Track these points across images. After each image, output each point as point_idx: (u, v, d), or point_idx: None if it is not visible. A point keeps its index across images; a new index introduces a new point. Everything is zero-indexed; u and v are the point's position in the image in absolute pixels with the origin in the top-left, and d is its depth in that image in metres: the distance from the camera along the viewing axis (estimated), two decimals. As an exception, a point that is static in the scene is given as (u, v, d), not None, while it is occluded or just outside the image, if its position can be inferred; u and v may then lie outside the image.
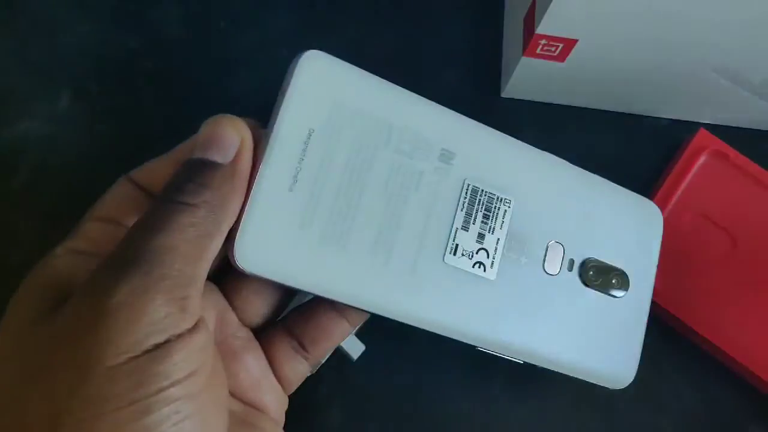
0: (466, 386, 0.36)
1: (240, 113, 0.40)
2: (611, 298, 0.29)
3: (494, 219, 0.26)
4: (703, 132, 0.39)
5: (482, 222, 0.26)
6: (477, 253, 0.26)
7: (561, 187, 0.28)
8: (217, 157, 0.22)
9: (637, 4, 0.32)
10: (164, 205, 0.21)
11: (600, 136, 0.41)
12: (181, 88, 0.40)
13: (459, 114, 0.27)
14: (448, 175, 0.26)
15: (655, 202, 0.38)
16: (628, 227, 0.30)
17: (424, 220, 0.25)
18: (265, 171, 0.23)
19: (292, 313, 0.28)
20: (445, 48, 0.42)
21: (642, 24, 0.33)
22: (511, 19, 0.41)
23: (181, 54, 0.41)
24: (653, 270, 0.30)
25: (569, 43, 0.35)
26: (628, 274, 0.29)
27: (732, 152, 0.39)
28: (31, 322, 0.21)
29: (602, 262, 0.28)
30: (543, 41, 0.35)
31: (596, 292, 0.28)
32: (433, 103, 0.27)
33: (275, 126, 0.24)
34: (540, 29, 0.34)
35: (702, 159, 0.39)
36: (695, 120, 0.42)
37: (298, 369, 0.28)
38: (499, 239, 0.26)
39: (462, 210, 0.26)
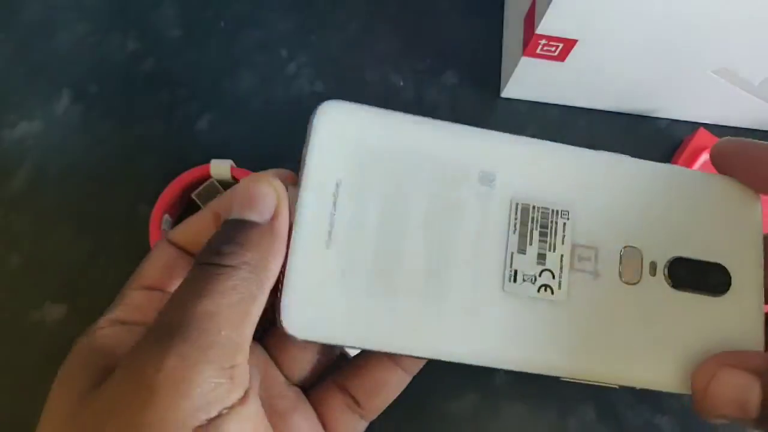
0: (467, 385, 0.36)
1: (241, 113, 0.40)
2: (711, 298, 0.25)
3: (553, 235, 0.24)
4: (703, 132, 0.39)
5: (540, 241, 0.24)
6: (540, 275, 0.24)
7: (624, 185, 0.25)
8: (255, 217, 0.22)
9: (637, 5, 0.32)
10: (204, 268, 0.20)
11: (600, 136, 0.41)
12: (181, 89, 0.40)
13: (490, 131, 0.25)
14: (493, 198, 0.24)
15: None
16: (715, 215, 0.26)
17: (474, 251, 0.23)
18: (299, 230, 0.22)
19: (342, 365, 0.27)
20: (445, 48, 0.42)
21: (642, 24, 0.33)
22: (511, 19, 0.41)
23: (181, 54, 0.41)
24: (760, 260, 0.26)
25: (569, 43, 0.35)
26: (728, 268, 0.25)
27: (732, 152, 0.39)
28: (78, 397, 0.20)
29: (692, 259, 0.25)
30: (543, 41, 0.35)
31: (691, 294, 0.25)
32: (460, 125, 0.25)
33: (302, 182, 0.23)
34: (540, 29, 0.34)
35: (702, 159, 0.39)
36: (695, 120, 0.42)
37: (353, 426, 0.26)
38: (563, 255, 0.24)
39: (514, 232, 0.24)
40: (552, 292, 0.24)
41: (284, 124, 0.40)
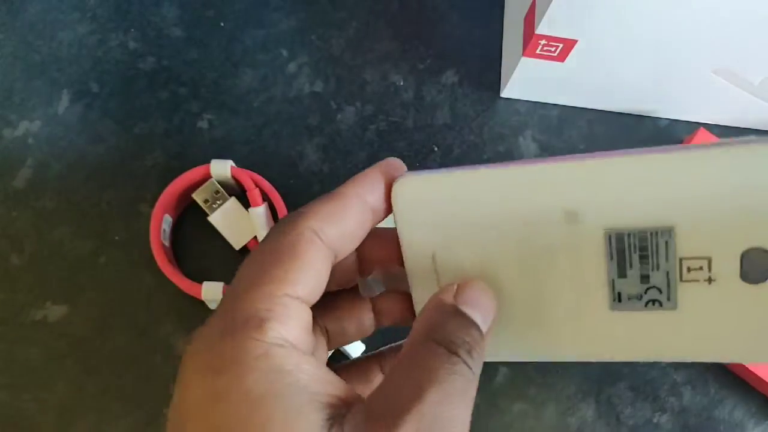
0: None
1: (241, 113, 0.40)
2: None
3: (654, 256, 0.23)
4: (703, 132, 0.39)
5: (641, 264, 0.23)
6: (646, 292, 0.23)
7: (729, 181, 0.22)
8: (480, 322, 0.22)
9: (637, 5, 0.32)
10: (437, 353, 0.20)
11: (600, 136, 0.41)
12: (182, 88, 0.40)
13: (558, 159, 0.23)
14: (584, 234, 0.23)
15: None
16: None
17: (575, 288, 0.23)
18: (417, 295, 0.24)
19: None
20: (445, 48, 0.42)
21: (641, 24, 0.33)
22: (511, 19, 0.41)
23: (182, 54, 0.41)
24: None
25: (569, 43, 0.35)
26: None
27: (732, 152, 0.39)
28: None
29: None
30: (543, 41, 0.35)
31: None
32: (528, 165, 0.23)
33: (405, 263, 0.24)
34: (540, 29, 0.34)
35: (702, 159, 0.39)
36: (695, 120, 0.42)
37: None
38: (668, 272, 0.23)
39: (612, 259, 0.23)
40: (661, 305, 0.23)
41: (284, 123, 0.40)
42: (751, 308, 0.23)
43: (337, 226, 0.22)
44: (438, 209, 0.24)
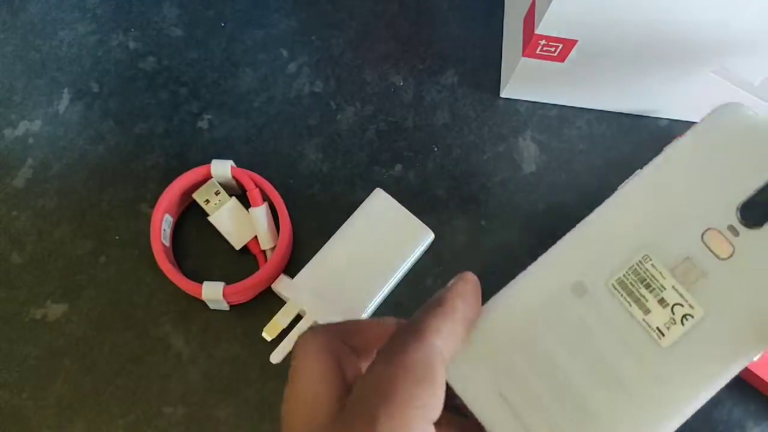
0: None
1: (241, 113, 0.40)
2: None
3: (653, 279, 0.25)
4: (702, 132, 0.39)
5: (650, 292, 0.25)
6: (674, 312, 0.25)
7: (642, 192, 0.26)
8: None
9: (637, 5, 0.32)
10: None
11: (600, 136, 0.41)
12: (182, 88, 0.40)
13: (550, 250, 0.26)
14: (596, 298, 0.25)
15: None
16: None
17: (620, 344, 0.25)
18: None
19: None
20: (445, 48, 0.42)
21: (641, 24, 0.33)
22: (511, 19, 0.41)
23: (182, 54, 0.41)
24: None
25: (569, 44, 0.35)
26: None
27: (732, 152, 0.39)
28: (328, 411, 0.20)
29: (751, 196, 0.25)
30: (543, 41, 0.35)
31: None
32: (530, 273, 0.26)
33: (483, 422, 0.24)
34: (540, 29, 0.34)
35: (702, 159, 0.39)
36: (695, 120, 0.42)
37: None
38: (673, 285, 0.25)
39: (630, 305, 0.25)
40: (692, 315, 0.25)
41: (284, 123, 0.40)
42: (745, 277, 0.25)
43: (455, 347, 0.22)
44: (488, 355, 0.24)
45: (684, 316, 0.25)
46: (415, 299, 0.37)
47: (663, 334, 0.25)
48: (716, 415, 0.37)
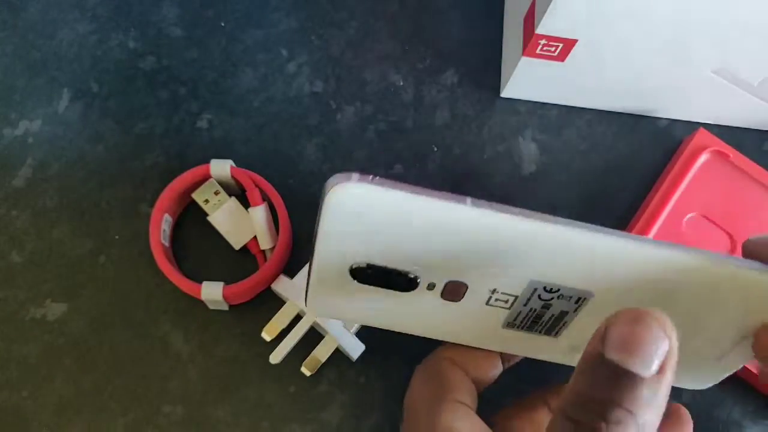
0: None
1: (241, 113, 0.40)
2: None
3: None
4: (702, 132, 0.39)
5: (545, 311, 0.28)
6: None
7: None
8: (639, 369, 0.17)
9: (637, 5, 0.32)
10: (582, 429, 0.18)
11: (600, 136, 0.41)
12: (182, 88, 0.40)
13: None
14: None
15: (654, 203, 0.38)
16: None
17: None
18: None
19: None
20: (445, 48, 0.42)
21: (641, 24, 0.33)
22: (511, 19, 0.41)
23: (182, 53, 0.41)
24: None
25: (569, 43, 0.35)
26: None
27: (732, 152, 0.39)
28: None
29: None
30: (543, 41, 0.35)
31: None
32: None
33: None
34: (540, 29, 0.34)
35: (702, 159, 0.39)
36: (695, 120, 0.42)
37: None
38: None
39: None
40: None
41: (284, 123, 0.40)
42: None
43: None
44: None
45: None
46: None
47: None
48: (716, 414, 0.37)
